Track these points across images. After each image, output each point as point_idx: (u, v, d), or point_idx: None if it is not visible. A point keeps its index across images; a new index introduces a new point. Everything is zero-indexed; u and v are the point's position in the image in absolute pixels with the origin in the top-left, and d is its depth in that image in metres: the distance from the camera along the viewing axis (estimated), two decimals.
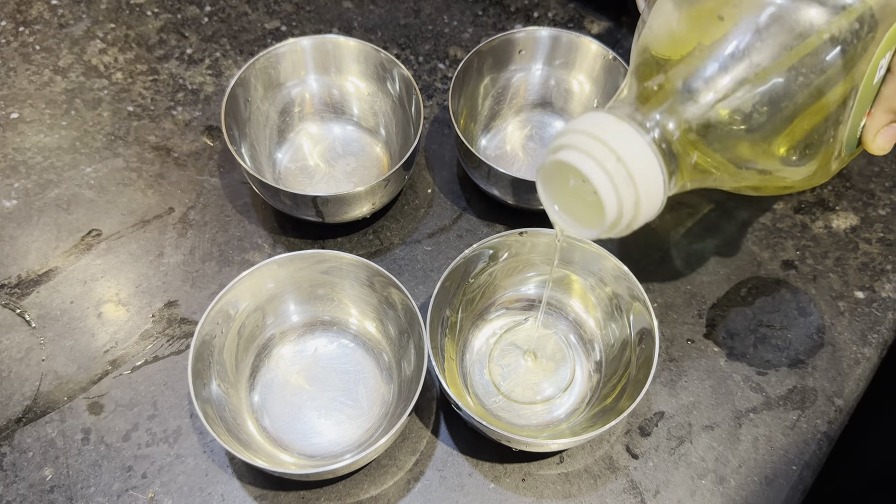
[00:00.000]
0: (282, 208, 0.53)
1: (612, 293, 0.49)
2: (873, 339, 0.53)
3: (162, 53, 0.65)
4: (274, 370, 0.49)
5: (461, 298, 0.50)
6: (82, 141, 0.60)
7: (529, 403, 0.49)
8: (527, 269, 0.52)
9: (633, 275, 0.47)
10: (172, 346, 0.51)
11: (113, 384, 0.49)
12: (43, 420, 0.48)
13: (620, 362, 0.48)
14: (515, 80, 0.60)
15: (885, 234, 0.58)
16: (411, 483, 0.47)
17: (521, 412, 0.49)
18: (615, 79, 0.56)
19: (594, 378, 0.50)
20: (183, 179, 0.58)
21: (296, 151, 0.59)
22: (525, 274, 0.52)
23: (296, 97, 0.58)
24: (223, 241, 0.55)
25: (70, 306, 0.52)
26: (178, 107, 0.62)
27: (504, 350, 0.51)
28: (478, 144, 0.59)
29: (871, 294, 0.55)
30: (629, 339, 0.48)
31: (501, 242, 0.48)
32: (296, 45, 0.55)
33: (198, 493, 0.46)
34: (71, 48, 0.65)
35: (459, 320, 0.51)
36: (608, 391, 0.48)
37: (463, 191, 0.59)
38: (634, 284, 0.46)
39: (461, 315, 0.51)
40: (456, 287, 0.49)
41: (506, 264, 0.51)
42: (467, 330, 0.52)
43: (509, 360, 0.51)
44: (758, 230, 0.58)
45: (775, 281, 0.56)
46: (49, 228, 0.55)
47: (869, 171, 0.61)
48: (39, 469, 0.46)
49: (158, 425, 0.48)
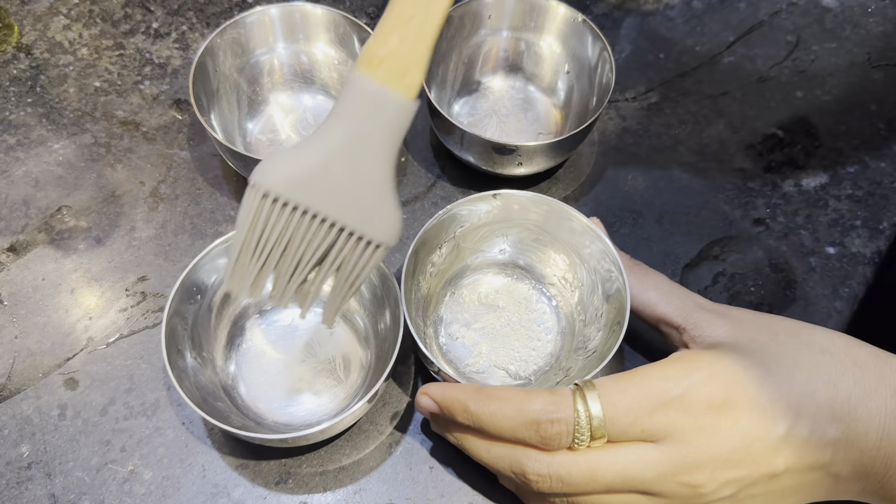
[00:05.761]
0: None
1: (584, 255, 0.49)
2: (845, 293, 0.54)
3: (127, 28, 0.64)
4: (250, 340, 0.49)
5: (434, 263, 0.50)
6: (49, 118, 0.59)
7: (501, 369, 0.49)
8: (499, 233, 0.52)
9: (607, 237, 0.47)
10: (147, 320, 0.51)
11: (88, 359, 0.49)
12: (18, 397, 0.48)
13: (594, 321, 0.49)
14: (485, 45, 0.60)
15: (853, 190, 0.59)
16: (392, 447, 0.47)
17: (495, 374, 0.49)
18: (584, 42, 0.56)
19: (567, 338, 0.50)
20: (152, 154, 0.58)
21: (266, 121, 0.58)
22: (497, 237, 0.52)
23: (265, 66, 0.57)
24: (195, 214, 0.55)
25: (42, 283, 0.52)
26: (146, 81, 0.61)
27: (477, 313, 0.52)
28: (450, 111, 0.59)
29: (842, 249, 0.56)
30: (600, 296, 0.48)
31: (472, 204, 0.48)
32: (263, 14, 0.55)
33: (178, 464, 0.46)
34: (34, 24, 0.63)
35: (433, 285, 0.51)
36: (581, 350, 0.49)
37: (437, 159, 0.59)
38: (607, 245, 0.47)
39: (435, 280, 0.51)
40: (429, 252, 0.49)
41: (479, 227, 0.51)
42: (441, 295, 0.52)
43: (483, 324, 0.51)
44: (728, 189, 0.58)
45: (747, 238, 0.56)
46: (18, 206, 0.55)
47: (837, 129, 0.62)
48: (16, 446, 0.46)
49: (136, 399, 0.48)
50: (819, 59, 0.66)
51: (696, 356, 0.39)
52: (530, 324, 0.51)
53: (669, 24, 0.68)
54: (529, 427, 0.37)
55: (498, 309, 0.52)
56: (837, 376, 0.37)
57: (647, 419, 0.37)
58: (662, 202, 0.58)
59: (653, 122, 0.62)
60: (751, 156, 0.60)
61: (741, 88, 0.64)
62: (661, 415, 0.37)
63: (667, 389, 0.37)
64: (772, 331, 0.40)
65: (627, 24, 0.67)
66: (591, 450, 0.38)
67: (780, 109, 0.63)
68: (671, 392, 0.37)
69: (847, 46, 0.67)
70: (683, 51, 0.66)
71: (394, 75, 0.35)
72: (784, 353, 0.39)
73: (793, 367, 0.38)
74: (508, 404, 0.38)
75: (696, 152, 0.60)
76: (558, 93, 0.60)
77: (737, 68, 0.65)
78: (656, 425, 0.37)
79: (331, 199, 0.36)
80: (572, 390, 0.38)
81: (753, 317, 0.42)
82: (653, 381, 0.37)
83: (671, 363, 0.39)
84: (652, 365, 0.39)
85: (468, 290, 0.52)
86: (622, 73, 0.64)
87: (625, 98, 0.63)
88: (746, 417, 0.36)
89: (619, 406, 0.37)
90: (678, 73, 0.64)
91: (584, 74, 0.57)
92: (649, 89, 0.63)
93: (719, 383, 0.37)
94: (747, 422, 0.36)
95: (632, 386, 0.37)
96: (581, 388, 0.38)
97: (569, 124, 0.59)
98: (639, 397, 0.37)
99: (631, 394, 0.37)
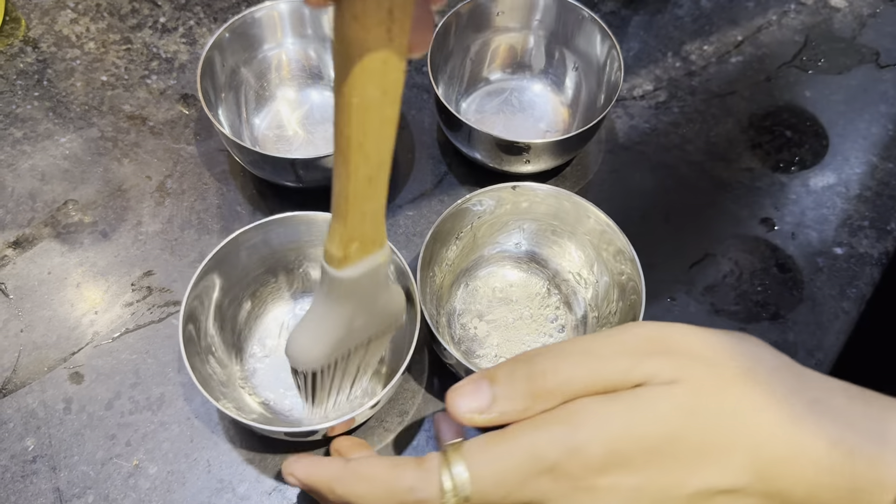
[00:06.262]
0: (261, 174, 0.52)
1: (600, 252, 0.49)
2: (852, 294, 0.54)
3: (135, 23, 0.64)
4: (263, 335, 0.49)
5: (449, 254, 0.50)
6: (56, 111, 0.59)
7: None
8: (515, 225, 0.52)
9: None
10: (153, 315, 0.51)
11: (93, 353, 0.49)
12: (23, 391, 0.47)
13: (606, 318, 0.49)
14: (494, 42, 0.59)
15: (861, 191, 0.58)
16: (401, 445, 0.47)
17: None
18: (593, 40, 0.56)
19: (579, 334, 0.50)
20: (159, 148, 0.57)
21: (273, 117, 0.58)
22: (513, 230, 0.52)
23: (273, 61, 0.57)
24: (202, 210, 0.55)
25: (47, 277, 0.52)
26: (153, 76, 0.61)
27: (490, 305, 0.51)
28: (458, 108, 0.59)
29: (850, 250, 0.56)
30: (614, 293, 0.48)
31: (491, 196, 0.48)
32: (272, 8, 0.55)
33: (183, 459, 0.46)
34: (41, 18, 0.63)
35: (447, 277, 0.51)
36: None
37: (443, 156, 0.59)
38: (624, 242, 0.47)
39: (449, 271, 0.51)
40: (444, 243, 0.49)
41: (495, 219, 0.51)
42: (455, 287, 0.52)
43: (496, 316, 0.51)
44: (736, 189, 0.58)
45: (754, 238, 0.56)
46: (24, 199, 0.54)
47: (845, 130, 0.62)
48: (21, 440, 0.46)
49: (141, 393, 0.48)
50: (827, 59, 0.66)
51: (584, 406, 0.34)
52: (543, 319, 0.51)
53: (678, 22, 0.67)
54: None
55: (511, 302, 0.52)
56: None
57: (520, 491, 0.32)
58: (670, 201, 0.57)
59: (660, 120, 0.61)
60: (758, 155, 0.60)
61: (749, 88, 0.64)
62: (533, 485, 0.32)
63: (538, 458, 0.32)
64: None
65: (635, 23, 0.67)
66: None
67: (789, 109, 0.63)
68: (544, 462, 0.32)
69: (855, 46, 0.67)
70: (692, 50, 0.66)
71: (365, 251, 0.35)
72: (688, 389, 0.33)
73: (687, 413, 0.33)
74: (377, 485, 0.35)
75: (704, 151, 0.60)
76: (566, 91, 0.60)
77: (745, 67, 0.65)
78: (531, 496, 0.33)
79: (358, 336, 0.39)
80: (440, 461, 0.34)
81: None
82: (524, 450, 0.33)
83: (551, 417, 0.33)
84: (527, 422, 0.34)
85: (482, 282, 0.52)
86: (630, 72, 0.64)
87: (632, 96, 0.63)
88: (631, 475, 0.32)
89: (488, 481, 0.33)
90: (686, 71, 0.64)
91: (592, 72, 0.57)
92: (657, 88, 0.63)
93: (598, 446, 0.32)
94: (644, 479, 0.32)
95: (501, 456, 0.33)
96: (448, 457, 0.33)
97: (576, 122, 0.59)
98: (508, 470, 0.32)
99: (501, 466, 0.33)
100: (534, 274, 0.53)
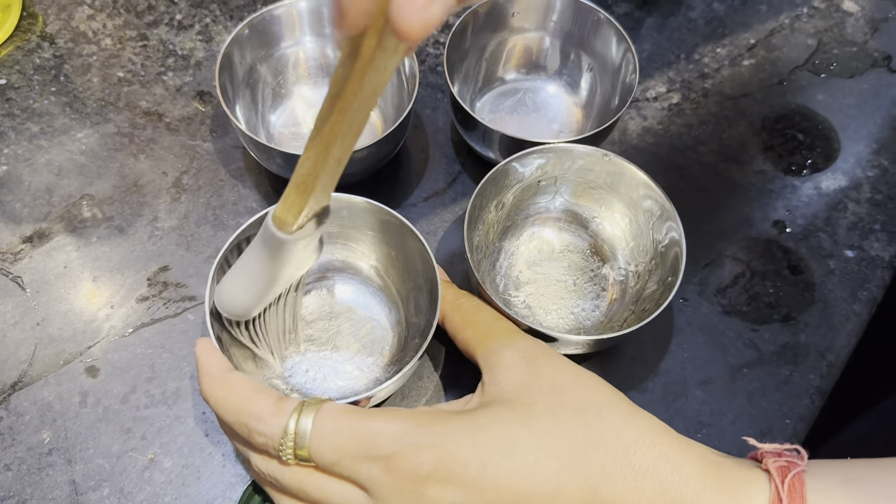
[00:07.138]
0: (276, 171, 0.53)
1: (648, 219, 0.51)
2: (863, 297, 0.54)
3: (151, 19, 0.64)
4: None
5: (490, 215, 0.52)
6: (72, 107, 0.59)
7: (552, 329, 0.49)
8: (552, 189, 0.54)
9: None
10: (168, 310, 0.51)
11: (109, 347, 0.49)
12: (39, 384, 0.48)
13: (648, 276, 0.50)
14: (509, 42, 0.60)
15: (873, 194, 0.59)
16: None
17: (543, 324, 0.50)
18: (608, 42, 0.56)
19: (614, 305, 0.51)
20: (175, 144, 0.58)
21: (290, 115, 0.58)
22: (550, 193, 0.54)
23: (290, 59, 0.58)
24: (217, 206, 0.55)
25: (64, 271, 0.52)
26: (169, 72, 0.61)
27: (532, 262, 0.53)
28: (472, 107, 0.59)
29: (861, 253, 0.56)
30: (656, 257, 0.50)
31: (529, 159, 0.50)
32: (292, 6, 0.55)
33: (198, 453, 0.46)
34: (58, 14, 0.64)
35: (490, 236, 0.52)
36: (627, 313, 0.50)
37: (457, 155, 0.59)
38: (667, 204, 0.48)
39: (492, 230, 0.53)
40: (486, 204, 0.50)
41: (534, 182, 0.52)
42: (496, 249, 0.53)
43: (536, 279, 0.53)
44: (748, 191, 0.58)
45: (766, 240, 0.56)
46: (41, 194, 0.55)
47: (857, 133, 0.62)
48: (37, 432, 0.46)
49: (156, 387, 0.48)
50: (839, 62, 0.66)
51: (438, 418, 0.36)
52: (585, 283, 0.52)
53: (691, 25, 0.68)
54: (242, 429, 0.36)
55: (553, 261, 0.53)
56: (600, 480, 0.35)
57: (350, 466, 0.35)
58: (682, 202, 0.57)
59: (673, 122, 0.62)
60: (771, 157, 0.60)
61: (762, 90, 0.64)
62: (363, 466, 0.35)
63: (377, 445, 0.34)
64: (559, 401, 0.37)
65: (648, 25, 0.67)
66: (302, 467, 0.36)
67: (801, 112, 0.63)
68: (380, 449, 0.34)
69: (867, 50, 0.67)
70: (705, 52, 0.66)
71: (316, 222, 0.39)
72: (553, 431, 0.36)
73: (547, 453, 0.35)
74: (233, 397, 0.37)
75: (717, 153, 0.60)
76: (580, 92, 0.60)
77: (758, 70, 0.65)
78: (358, 475, 0.35)
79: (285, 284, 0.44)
80: (295, 408, 0.36)
81: (557, 374, 0.39)
82: (369, 431, 0.35)
83: (413, 416, 0.36)
84: (394, 411, 0.36)
85: (524, 243, 0.54)
86: (643, 73, 0.64)
87: (645, 98, 0.63)
88: (460, 495, 0.34)
89: (326, 443, 0.35)
90: (699, 73, 0.65)
91: (606, 74, 0.57)
92: (670, 90, 0.63)
93: (433, 456, 0.34)
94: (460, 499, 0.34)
95: (348, 427, 0.35)
96: (304, 407, 0.36)
97: (590, 123, 0.59)
98: (347, 442, 0.35)
99: (342, 436, 0.35)
100: (575, 235, 0.55)
